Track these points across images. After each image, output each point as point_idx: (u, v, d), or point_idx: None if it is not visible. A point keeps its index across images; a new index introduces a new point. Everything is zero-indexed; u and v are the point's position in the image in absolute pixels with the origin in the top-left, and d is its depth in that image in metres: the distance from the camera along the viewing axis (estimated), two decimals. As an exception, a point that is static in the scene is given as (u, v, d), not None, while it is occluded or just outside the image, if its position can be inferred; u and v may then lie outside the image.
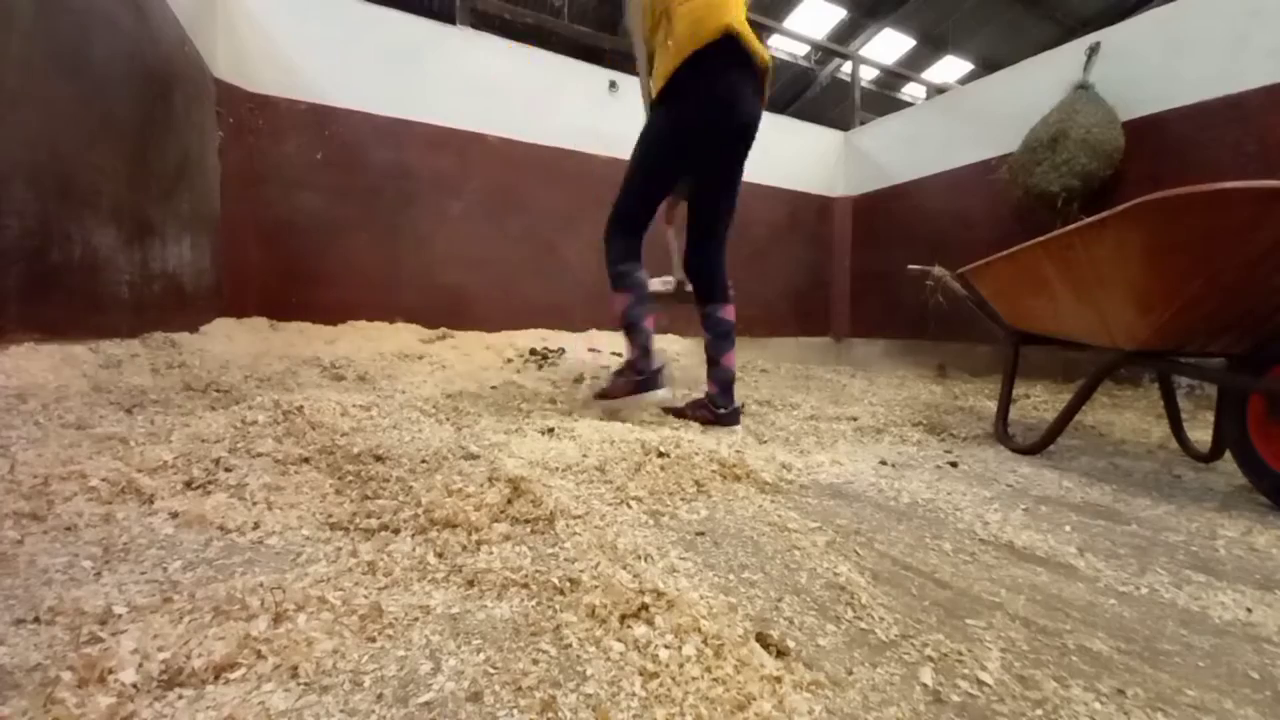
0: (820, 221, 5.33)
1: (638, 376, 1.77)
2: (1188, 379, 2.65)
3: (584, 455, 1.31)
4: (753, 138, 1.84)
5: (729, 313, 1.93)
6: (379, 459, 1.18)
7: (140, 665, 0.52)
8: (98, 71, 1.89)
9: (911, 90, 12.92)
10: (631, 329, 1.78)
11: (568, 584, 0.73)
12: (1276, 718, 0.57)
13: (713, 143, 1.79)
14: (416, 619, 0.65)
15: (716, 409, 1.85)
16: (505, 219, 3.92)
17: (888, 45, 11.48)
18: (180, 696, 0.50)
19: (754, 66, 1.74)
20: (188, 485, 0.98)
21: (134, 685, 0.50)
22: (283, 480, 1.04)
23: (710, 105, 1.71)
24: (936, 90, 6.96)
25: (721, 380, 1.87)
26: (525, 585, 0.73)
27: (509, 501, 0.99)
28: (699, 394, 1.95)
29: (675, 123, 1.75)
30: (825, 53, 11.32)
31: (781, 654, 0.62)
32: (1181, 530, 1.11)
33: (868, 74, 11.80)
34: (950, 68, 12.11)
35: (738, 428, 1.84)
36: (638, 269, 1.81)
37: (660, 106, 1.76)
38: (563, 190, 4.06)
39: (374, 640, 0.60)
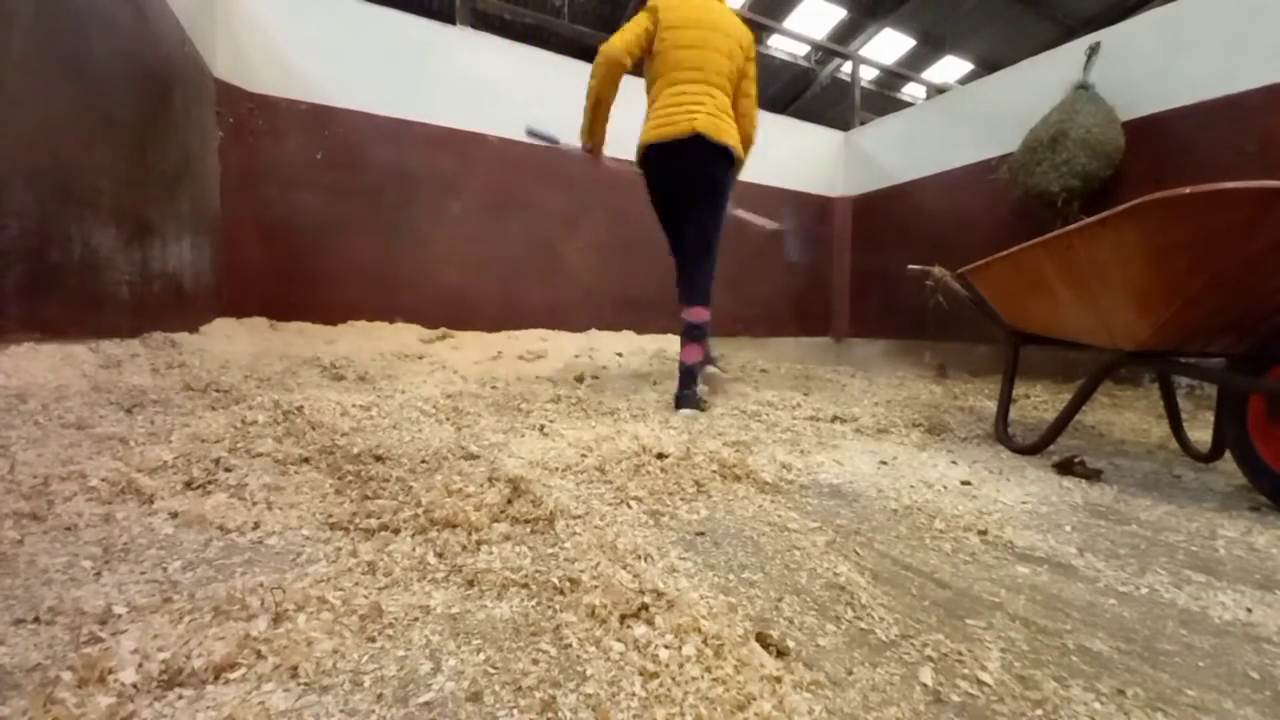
0: (820, 221, 5.33)
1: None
2: (1188, 379, 2.65)
3: (584, 455, 1.31)
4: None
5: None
6: (379, 459, 1.18)
7: (140, 665, 0.51)
8: (98, 71, 1.89)
9: (911, 90, 12.89)
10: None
11: (568, 584, 0.73)
12: (1276, 718, 0.57)
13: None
14: (416, 619, 0.65)
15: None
16: (505, 219, 3.92)
17: (888, 45, 11.45)
18: (180, 696, 0.50)
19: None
20: (188, 485, 0.98)
21: (134, 685, 0.50)
22: (283, 480, 1.04)
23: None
24: (936, 90, 6.96)
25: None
26: (525, 585, 0.73)
27: (509, 501, 0.99)
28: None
29: None
30: (825, 53, 11.30)
31: (781, 654, 0.62)
32: (1181, 530, 1.11)
33: (868, 74, 11.78)
34: (950, 68, 12.09)
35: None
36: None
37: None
38: (563, 190, 4.06)
39: (374, 640, 0.60)
